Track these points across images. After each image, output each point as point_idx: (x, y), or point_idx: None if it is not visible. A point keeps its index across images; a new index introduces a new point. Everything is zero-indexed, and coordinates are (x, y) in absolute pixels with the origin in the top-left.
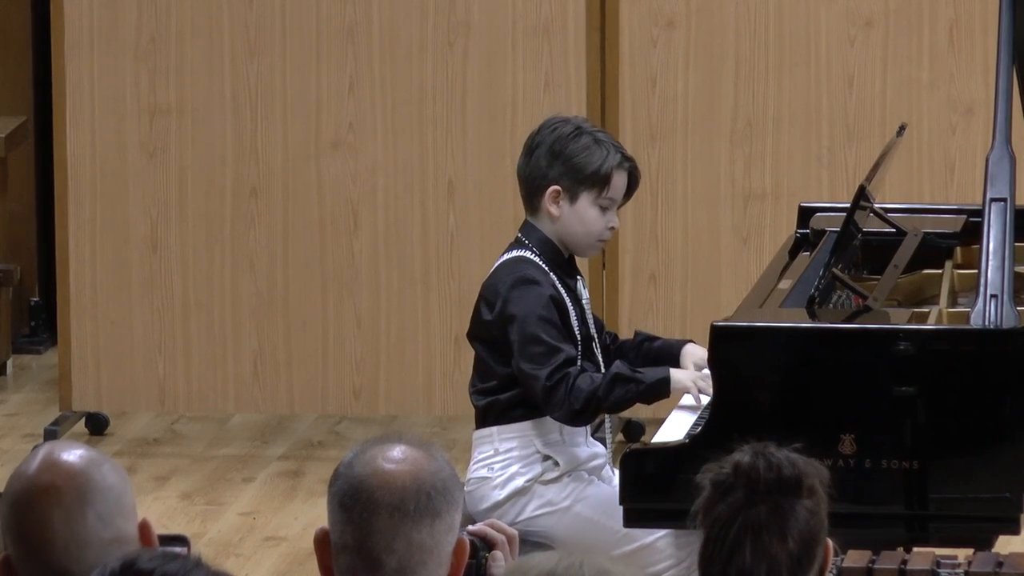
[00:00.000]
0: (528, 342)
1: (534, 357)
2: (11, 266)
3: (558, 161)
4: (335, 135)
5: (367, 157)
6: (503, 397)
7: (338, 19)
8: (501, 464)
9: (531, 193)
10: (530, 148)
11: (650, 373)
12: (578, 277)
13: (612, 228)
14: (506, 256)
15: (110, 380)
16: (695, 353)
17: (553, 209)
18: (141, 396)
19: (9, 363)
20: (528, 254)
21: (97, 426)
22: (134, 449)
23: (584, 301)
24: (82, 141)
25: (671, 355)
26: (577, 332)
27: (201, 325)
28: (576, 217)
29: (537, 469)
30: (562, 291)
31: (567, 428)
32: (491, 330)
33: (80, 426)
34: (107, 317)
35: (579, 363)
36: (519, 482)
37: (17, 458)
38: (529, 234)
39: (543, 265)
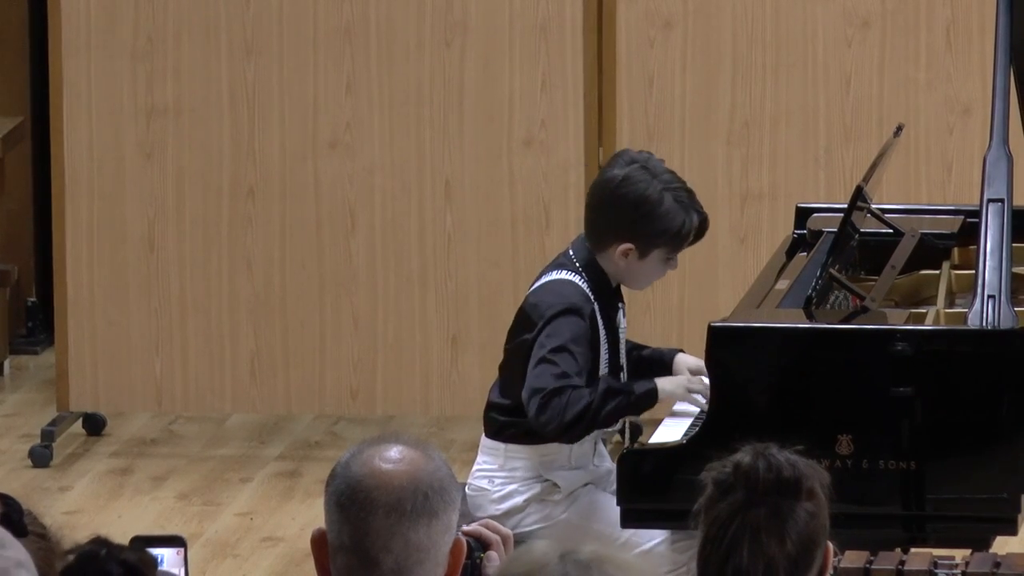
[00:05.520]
0: (543, 362)
1: (543, 375)
2: (8, 266)
3: (640, 222)
4: (332, 135)
5: (364, 157)
6: (522, 420)
7: (335, 19)
8: (502, 480)
9: (601, 235)
10: (611, 195)
11: (638, 385)
12: (620, 305)
13: (671, 269)
14: (554, 275)
15: (107, 380)
16: (688, 362)
17: (620, 261)
18: (138, 396)
19: (6, 363)
20: (576, 278)
21: (94, 426)
22: (131, 449)
23: (621, 329)
24: (79, 141)
25: (662, 364)
26: (606, 362)
27: (198, 325)
28: (642, 270)
29: (536, 489)
30: (600, 324)
31: (576, 452)
32: (526, 349)
33: (77, 426)
34: (104, 317)
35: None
36: (517, 500)
37: (15, 458)
38: (580, 255)
39: (589, 293)
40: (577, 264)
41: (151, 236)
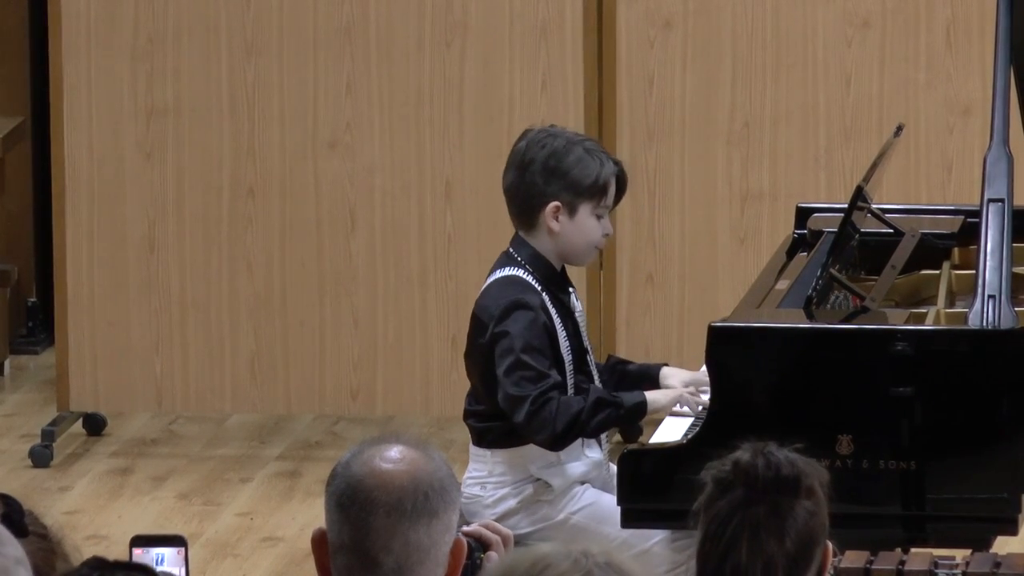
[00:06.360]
0: (516, 367)
1: (521, 381)
2: (8, 266)
3: (555, 177)
4: (332, 135)
5: (364, 157)
6: (497, 424)
7: (335, 19)
8: (494, 485)
9: (527, 210)
10: (521, 165)
11: (628, 397)
12: (571, 290)
13: (607, 235)
14: (498, 274)
15: (107, 380)
16: (677, 375)
17: (553, 225)
18: (138, 396)
19: (6, 363)
20: (520, 272)
21: (94, 426)
22: (131, 449)
23: (577, 313)
24: (79, 141)
25: (649, 379)
26: (568, 348)
27: (198, 325)
28: (577, 229)
29: (529, 490)
30: (552, 310)
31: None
32: (483, 353)
33: (77, 427)
34: (104, 317)
35: (567, 386)
36: (511, 503)
37: (15, 459)
38: (520, 250)
39: (535, 284)
40: (519, 258)
41: (151, 236)
